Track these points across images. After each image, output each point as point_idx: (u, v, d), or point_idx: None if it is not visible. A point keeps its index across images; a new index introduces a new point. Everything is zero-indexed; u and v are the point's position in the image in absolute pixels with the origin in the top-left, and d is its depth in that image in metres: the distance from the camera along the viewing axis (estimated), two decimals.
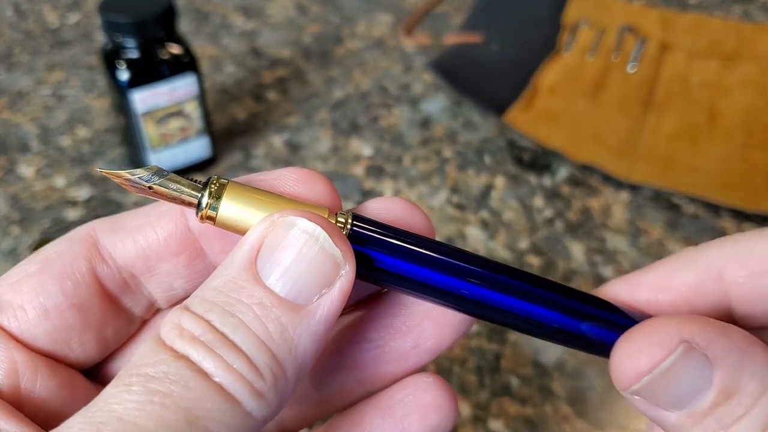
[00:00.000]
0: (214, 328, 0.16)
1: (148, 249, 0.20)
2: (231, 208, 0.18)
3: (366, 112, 0.58)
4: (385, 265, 0.19)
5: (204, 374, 0.16)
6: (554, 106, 0.57)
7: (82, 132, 0.56)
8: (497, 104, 0.57)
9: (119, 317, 0.21)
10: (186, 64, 0.48)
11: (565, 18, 0.65)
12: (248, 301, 0.17)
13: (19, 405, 0.19)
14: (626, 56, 0.61)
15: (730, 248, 0.19)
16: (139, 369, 0.16)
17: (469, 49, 0.63)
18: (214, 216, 0.18)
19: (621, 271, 0.46)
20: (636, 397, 0.18)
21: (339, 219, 0.19)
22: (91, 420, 0.15)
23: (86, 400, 0.20)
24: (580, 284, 0.45)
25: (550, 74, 0.60)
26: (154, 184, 0.18)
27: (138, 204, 0.50)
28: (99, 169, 0.20)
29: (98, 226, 0.21)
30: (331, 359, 0.22)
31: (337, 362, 0.22)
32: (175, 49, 0.47)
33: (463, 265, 0.19)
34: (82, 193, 0.51)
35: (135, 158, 0.51)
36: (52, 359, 0.20)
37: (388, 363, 0.22)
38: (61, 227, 0.48)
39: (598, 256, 0.47)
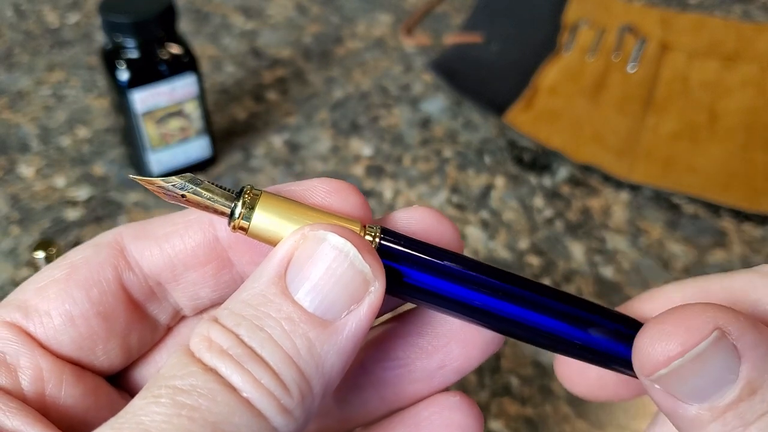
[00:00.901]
0: (243, 342, 0.16)
1: (176, 258, 0.20)
2: (264, 219, 0.18)
3: (366, 112, 0.58)
4: (413, 280, 0.19)
5: (232, 389, 0.16)
6: (554, 106, 0.57)
7: (82, 132, 0.56)
8: (497, 104, 0.57)
9: (144, 325, 0.21)
10: (186, 64, 0.48)
11: (565, 18, 0.65)
12: (276, 315, 0.17)
13: (45, 411, 0.19)
14: (626, 56, 0.61)
15: None
16: (167, 381, 0.16)
17: (469, 49, 0.63)
18: (247, 226, 0.18)
19: (621, 271, 0.46)
20: (656, 386, 0.17)
21: (368, 233, 0.19)
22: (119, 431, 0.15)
23: (111, 407, 0.20)
24: (580, 284, 0.45)
25: (550, 74, 0.60)
26: (188, 192, 0.18)
27: (138, 204, 0.50)
28: (131, 176, 0.20)
29: (125, 233, 0.20)
30: (355, 376, 0.22)
31: (361, 379, 0.22)
32: (175, 49, 0.47)
33: (492, 280, 0.19)
34: (82, 193, 0.51)
35: (135, 158, 0.51)
36: (77, 366, 0.20)
37: (413, 382, 0.21)
38: (61, 227, 0.48)
39: (598, 256, 0.47)
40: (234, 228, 0.18)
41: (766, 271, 0.19)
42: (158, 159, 0.50)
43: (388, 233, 0.19)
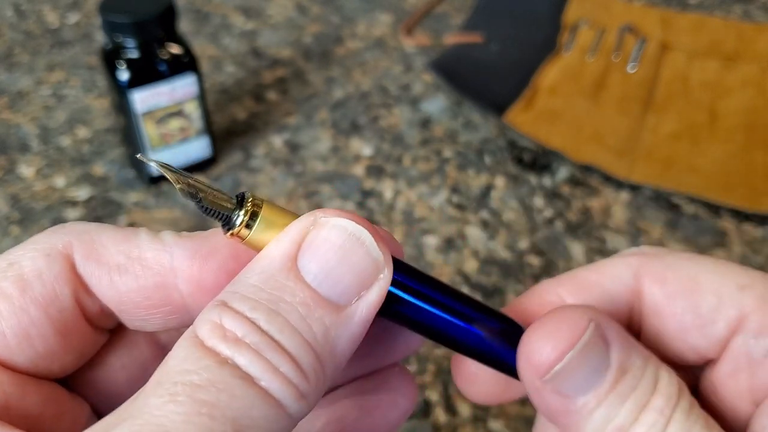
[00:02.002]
0: (259, 327, 0.16)
1: (125, 295, 0.19)
2: (264, 229, 0.18)
3: (366, 112, 0.58)
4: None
5: (250, 380, 0.15)
6: (554, 106, 0.57)
7: (82, 132, 0.56)
8: (497, 104, 0.57)
9: (97, 334, 0.20)
10: (186, 64, 0.48)
11: (565, 18, 0.65)
12: (291, 299, 0.16)
13: (14, 424, 0.18)
14: (626, 56, 0.61)
15: (651, 264, 0.21)
16: (182, 377, 0.15)
17: (469, 49, 0.63)
18: (246, 235, 0.18)
19: None
20: (547, 387, 0.18)
21: None
22: None
23: (71, 411, 0.19)
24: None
25: (550, 74, 0.60)
26: (202, 198, 0.18)
27: (138, 204, 0.50)
28: (160, 164, 0.18)
29: (75, 246, 0.19)
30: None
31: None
32: (175, 49, 0.47)
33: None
34: (82, 193, 0.51)
35: (135, 158, 0.51)
36: (34, 376, 0.19)
37: (368, 358, 0.22)
38: None
39: (598, 257, 0.47)
40: (232, 235, 0.18)
41: (627, 256, 0.21)
42: (158, 159, 0.50)
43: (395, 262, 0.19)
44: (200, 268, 0.19)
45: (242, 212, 0.18)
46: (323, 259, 0.17)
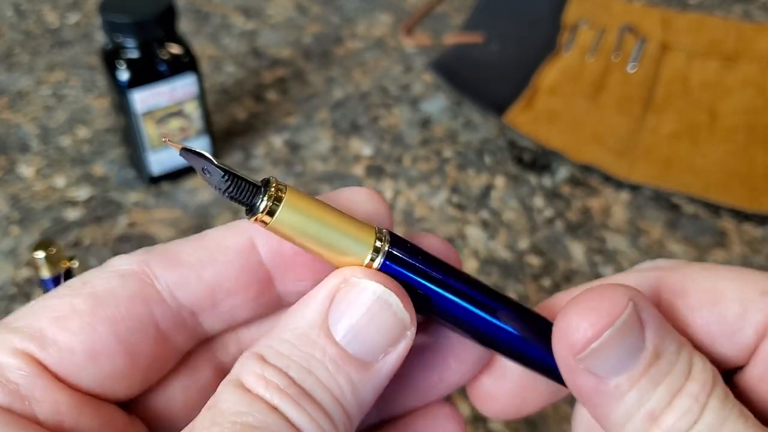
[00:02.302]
0: (295, 382, 0.17)
1: (216, 286, 0.20)
2: (287, 215, 0.18)
3: (366, 112, 0.58)
4: (415, 289, 0.20)
5: (295, 427, 0.17)
6: (554, 106, 0.57)
7: (82, 132, 0.56)
8: (497, 104, 0.57)
9: (167, 354, 0.20)
10: (186, 64, 0.48)
11: (565, 18, 0.65)
12: (321, 357, 0.18)
13: None
14: (626, 56, 0.61)
15: (670, 278, 0.21)
16: (239, 417, 0.16)
17: (469, 49, 0.63)
18: (269, 221, 0.18)
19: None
20: (580, 366, 0.18)
21: (378, 238, 0.19)
22: None
23: None
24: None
25: (550, 74, 0.60)
26: (224, 185, 0.18)
27: (138, 204, 0.50)
28: (182, 147, 0.19)
29: (152, 261, 0.19)
30: None
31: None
32: (175, 49, 0.47)
33: (477, 294, 0.20)
34: (82, 193, 0.51)
35: (135, 158, 0.51)
36: (94, 397, 0.19)
37: (411, 394, 0.22)
38: (61, 227, 0.48)
39: (598, 256, 0.47)
40: (256, 220, 0.18)
41: (644, 271, 0.21)
42: (158, 159, 0.50)
43: (396, 240, 0.19)
44: (278, 240, 0.19)
45: (266, 197, 0.18)
46: (352, 319, 0.18)
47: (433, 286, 0.19)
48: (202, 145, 0.51)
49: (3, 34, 0.68)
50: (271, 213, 0.18)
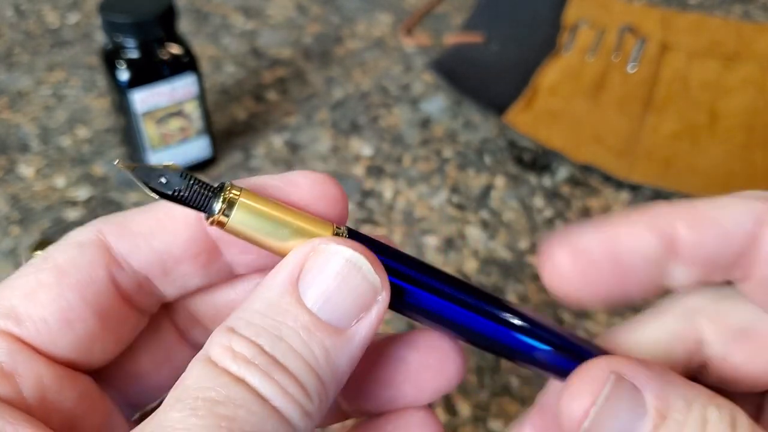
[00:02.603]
0: (265, 351, 0.17)
1: (166, 253, 0.20)
2: (243, 216, 0.19)
3: (366, 112, 0.58)
4: None
5: (263, 398, 0.16)
6: (554, 106, 0.57)
7: (82, 132, 0.56)
8: (497, 104, 0.57)
9: (133, 317, 0.21)
10: (186, 64, 0.48)
11: (565, 18, 0.65)
12: (293, 324, 0.17)
13: (47, 418, 0.19)
14: (626, 56, 0.61)
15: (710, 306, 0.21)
16: (202, 393, 0.16)
17: (469, 49, 0.63)
18: (225, 222, 0.19)
19: None
20: None
21: (336, 233, 0.19)
22: None
23: (100, 408, 0.20)
24: None
25: (550, 74, 0.60)
26: (178, 189, 0.19)
27: (138, 204, 0.50)
28: (122, 166, 0.20)
29: (106, 230, 0.20)
30: (360, 378, 0.22)
31: (365, 382, 0.22)
32: (175, 49, 0.47)
33: (444, 286, 0.20)
34: (82, 193, 0.51)
35: (135, 158, 0.51)
36: (72, 368, 0.20)
37: (406, 390, 0.22)
38: (61, 227, 0.48)
39: None
40: (212, 223, 0.19)
41: (750, 199, 0.20)
42: (158, 159, 0.50)
43: (354, 235, 0.20)
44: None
45: (220, 200, 0.18)
46: (322, 285, 0.18)
47: (396, 280, 0.20)
48: (202, 145, 0.51)
49: (3, 34, 0.68)
50: (226, 215, 0.18)
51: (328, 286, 0.18)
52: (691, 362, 0.21)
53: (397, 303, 0.20)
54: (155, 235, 0.20)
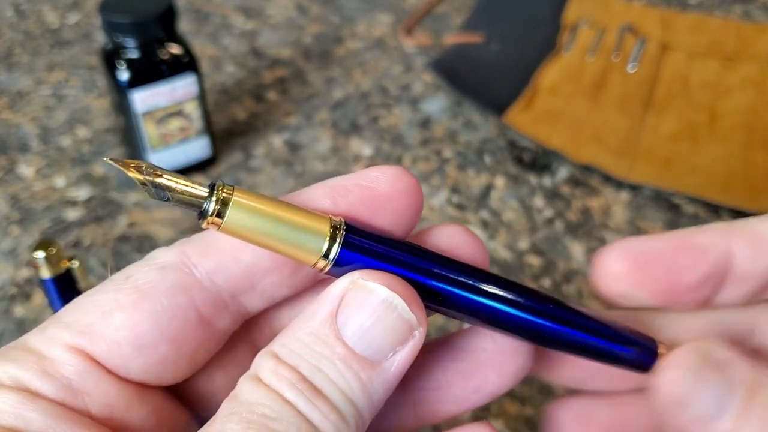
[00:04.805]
0: (306, 379, 0.18)
1: (255, 266, 0.20)
2: (236, 215, 0.18)
3: (366, 112, 0.58)
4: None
5: (309, 421, 0.18)
6: (554, 106, 0.57)
7: (82, 132, 0.56)
8: (497, 104, 0.57)
9: (211, 338, 0.21)
10: (186, 64, 0.48)
11: (565, 18, 0.65)
12: (330, 355, 0.18)
13: None
14: (626, 56, 0.61)
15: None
16: (256, 408, 0.17)
17: (469, 49, 0.63)
18: (220, 223, 0.19)
19: None
20: (683, 418, 0.19)
21: (332, 226, 0.19)
22: None
23: (172, 421, 0.21)
24: (580, 284, 0.45)
25: (550, 74, 0.60)
26: (170, 193, 0.19)
27: (138, 204, 0.50)
28: (109, 159, 0.19)
29: (190, 251, 0.20)
30: (395, 395, 0.23)
31: (400, 398, 0.23)
32: (175, 49, 0.47)
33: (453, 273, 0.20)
34: (82, 193, 0.51)
35: (135, 158, 0.51)
36: (143, 385, 0.20)
37: (449, 402, 0.23)
38: (61, 227, 0.48)
39: None
40: (207, 224, 0.19)
41: None
42: (158, 159, 0.50)
43: (351, 230, 0.20)
44: None
45: (213, 200, 0.18)
46: (359, 321, 0.19)
47: (403, 271, 0.20)
48: (202, 145, 0.51)
49: (3, 34, 0.68)
50: (220, 215, 0.18)
51: (365, 322, 0.19)
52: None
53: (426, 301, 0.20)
54: (243, 249, 0.20)
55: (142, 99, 0.47)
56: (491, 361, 0.22)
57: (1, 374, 0.18)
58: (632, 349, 0.21)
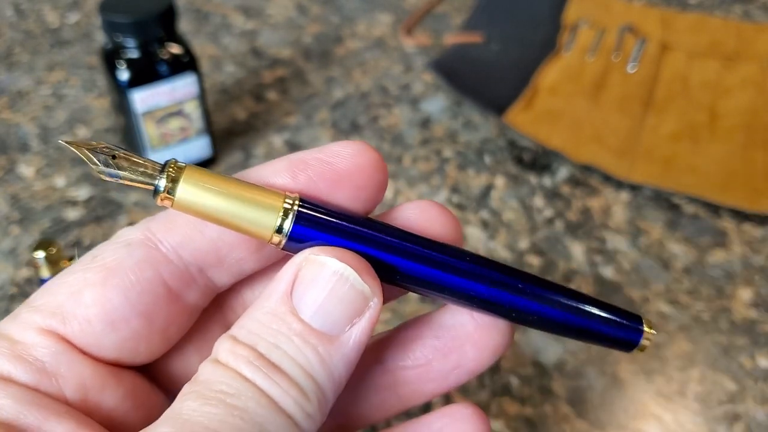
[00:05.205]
0: (264, 357, 0.18)
1: (220, 240, 0.20)
2: (188, 192, 0.19)
3: (366, 112, 0.58)
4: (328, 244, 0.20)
5: (268, 396, 0.18)
6: (554, 106, 0.57)
7: (82, 132, 0.56)
8: (497, 104, 0.57)
9: (182, 313, 0.21)
10: (186, 64, 0.48)
11: (565, 18, 0.65)
12: (288, 333, 0.18)
13: (90, 416, 0.19)
14: (626, 56, 0.61)
15: None
16: (214, 386, 0.18)
17: (469, 49, 0.63)
18: (172, 199, 0.19)
19: (621, 271, 0.46)
20: None
21: (287, 201, 0.19)
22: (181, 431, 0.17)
23: (147, 404, 0.21)
24: (580, 284, 0.45)
25: (550, 74, 0.60)
26: (121, 171, 0.19)
27: (138, 204, 0.50)
28: (62, 140, 0.20)
29: (155, 227, 0.20)
30: (375, 376, 0.23)
31: (380, 379, 0.23)
32: (175, 49, 0.47)
33: (377, 235, 0.20)
34: (82, 193, 0.51)
35: None
36: (117, 366, 0.20)
37: (429, 381, 0.23)
38: (61, 227, 0.48)
39: (598, 256, 0.47)
40: (161, 200, 0.19)
41: None
42: (158, 159, 0.50)
43: (305, 202, 0.20)
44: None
45: (164, 178, 0.19)
46: (313, 295, 0.19)
47: (358, 245, 0.20)
48: (202, 144, 0.51)
49: (3, 33, 0.68)
50: (171, 193, 0.19)
51: (318, 296, 0.19)
52: None
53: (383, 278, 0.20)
54: (207, 223, 0.20)
55: (142, 99, 0.47)
56: (470, 337, 0.22)
57: None
58: (617, 327, 0.21)
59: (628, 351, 0.21)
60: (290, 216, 0.19)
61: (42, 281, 0.33)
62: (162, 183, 0.19)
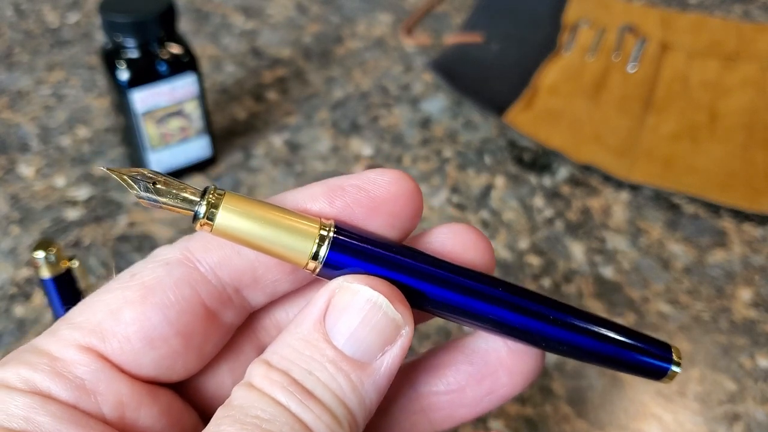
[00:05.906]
0: (298, 383, 0.18)
1: (256, 260, 0.21)
2: (227, 218, 0.19)
3: (366, 112, 0.58)
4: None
5: (302, 422, 0.18)
6: (554, 106, 0.57)
7: (82, 132, 0.56)
8: (497, 104, 0.57)
9: (218, 332, 0.21)
10: (186, 63, 0.48)
11: (565, 18, 0.65)
12: (321, 359, 0.19)
13: None
14: (626, 56, 0.61)
15: None
16: (250, 411, 0.18)
17: (469, 49, 0.63)
18: (212, 225, 0.19)
19: (621, 271, 0.46)
20: None
21: (322, 229, 0.20)
22: None
23: (181, 422, 0.21)
24: (580, 284, 0.45)
25: (550, 74, 0.60)
26: (161, 198, 0.19)
27: (138, 204, 0.50)
28: (105, 168, 0.20)
29: (193, 246, 0.21)
30: (408, 400, 0.23)
31: (413, 403, 0.23)
32: (175, 48, 0.47)
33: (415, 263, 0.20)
34: (82, 193, 0.51)
35: (135, 158, 0.51)
36: (154, 384, 0.20)
37: (462, 407, 0.23)
38: (61, 227, 0.48)
39: (598, 256, 0.47)
40: (200, 226, 0.19)
41: None
42: (158, 159, 0.50)
43: (341, 230, 0.20)
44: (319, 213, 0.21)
45: (204, 204, 0.19)
46: (346, 323, 0.19)
47: (392, 272, 0.20)
48: (202, 144, 0.51)
49: (3, 33, 0.68)
50: (211, 219, 0.19)
51: (351, 324, 0.19)
52: None
53: (415, 304, 0.20)
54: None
55: (142, 99, 0.47)
56: (503, 363, 0.22)
57: (12, 377, 0.18)
58: (647, 356, 0.21)
59: (656, 380, 0.21)
60: (326, 243, 0.19)
61: (42, 281, 0.33)
62: (202, 209, 0.19)
